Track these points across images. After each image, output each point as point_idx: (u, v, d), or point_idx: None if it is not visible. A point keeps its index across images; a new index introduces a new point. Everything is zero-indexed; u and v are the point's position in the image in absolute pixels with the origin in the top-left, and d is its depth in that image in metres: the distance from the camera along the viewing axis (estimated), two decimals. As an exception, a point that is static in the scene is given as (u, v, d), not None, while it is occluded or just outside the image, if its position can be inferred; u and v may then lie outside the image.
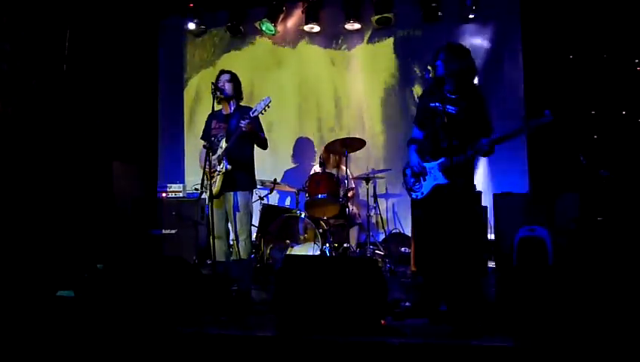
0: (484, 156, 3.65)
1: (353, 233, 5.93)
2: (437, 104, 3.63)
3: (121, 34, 6.71)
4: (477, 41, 6.48)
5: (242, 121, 3.96)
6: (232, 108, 4.33)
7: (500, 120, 3.81)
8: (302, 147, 7.06)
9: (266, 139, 4.34)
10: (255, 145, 4.36)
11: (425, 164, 3.72)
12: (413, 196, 3.80)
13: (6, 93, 5.15)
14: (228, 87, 4.26)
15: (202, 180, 4.14)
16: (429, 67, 3.71)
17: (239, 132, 4.02)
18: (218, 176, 4.10)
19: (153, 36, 7.45)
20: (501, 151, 5.91)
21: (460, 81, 3.59)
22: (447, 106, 3.58)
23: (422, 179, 3.72)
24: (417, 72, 6.68)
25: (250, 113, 4.02)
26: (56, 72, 5.71)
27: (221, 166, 4.09)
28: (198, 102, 7.36)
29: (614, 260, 4.20)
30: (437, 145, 3.66)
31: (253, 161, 4.39)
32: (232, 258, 4.27)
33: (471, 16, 6.37)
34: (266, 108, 4.03)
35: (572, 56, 5.86)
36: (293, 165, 7.06)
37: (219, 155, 4.12)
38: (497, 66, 6.40)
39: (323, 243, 5.13)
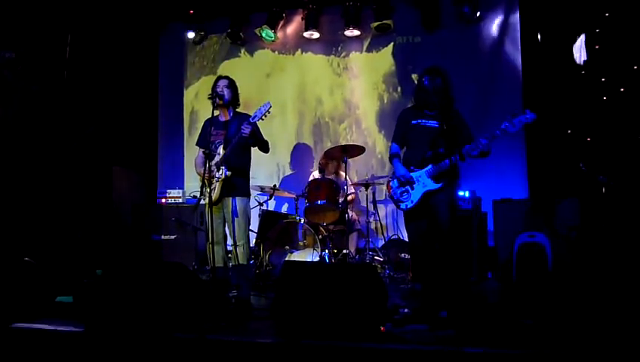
0: (481, 157, 3.84)
1: (352, 239, 5.93)
2: (419, 121, 3.98)
3: (122, 40, 6.72)
4: (476, 47, 6.51)
5: (244, 126, 3.96)
6: (230, 115, 4.33)
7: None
8: (300, 153, 7.07)
9: (267, 142, 4.35)
10: (252, 151, 4.37)
11: (411, 174, 3.91)
12: (402, 207, 3.97)
13: (7, 98, 5.16)
14: (227, 93, 4.25)
15: (201, 187, 4.15)
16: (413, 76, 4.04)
17: (239, 138, 4.02)
18: (217, 183, 4.10)
19: (153, 42, 7.47)
20: (500, 157, 6.02)
21: (441, 96, 3.83)
22: (429, 122, 3.93)
23: (409, 188, 3.87)
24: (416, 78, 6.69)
25: (251, 118, 4.02)
26: (57, 77, 5.73)
27: (220, 172, 4.08)
28: (198, 109, 7.37)
29: (615, 266, 4.20)
30: (422, 156, 3.91)
31: (249, 168, 4.40)
32: (230, 263, 4.26)
33: (468, 23, 6.40)
34: (267, 113, 4.03)
35: (570, 62, 5.88)
36: (290, 171, 7.07)
37: (217, 162, 4.12)
38: (496, 71, 6.43)
39: (322, 250, 5.12)
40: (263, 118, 4.04)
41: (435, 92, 3.81)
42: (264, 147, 4.34)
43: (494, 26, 6.48)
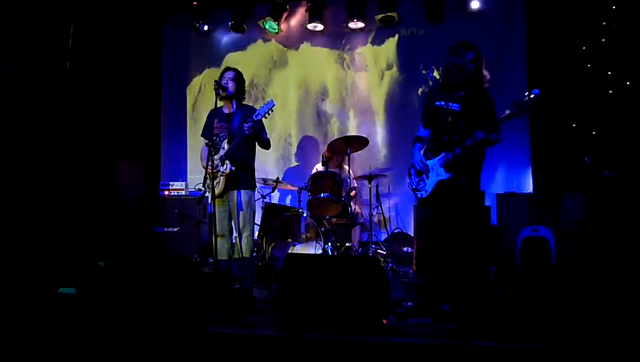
0: (489, 145, 3.60)
1: (355, 232, 5.92)
2: (442, 102, 3.64)
3: (125, 31, 6.70)
4: (481, 39, 6.45)
5: (245, 125, 3.93)
6: (234, 108, 4.30)
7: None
8: (306, 146, 7.05)
9: (268, 140, 4.32)
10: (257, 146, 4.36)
11: (427, 162, 3.74)
12: (419, 196, 3.80)
13: (9, 90, 5.15)
14: (231, 86, 4.21)
15: (204, 179, 4.13)
16: (434, 67, 3.74)
17: (242, 136, 3.99)
18: (222, 177, 4.08)
19: (156, 34, 7.44)
20: (504, 151, 5.98)
21: (467, 76, 3.52)
22: (451, 104, 3.58)
23: (425, 177, 3.73)
24: (421, 71, 6.65)
25: (254, 116, 3.96)
26: (59, 69, 5.71)
27: (224, 167, 4.07)
28: (202, 101, 7.35)
29: (619, 260, 4.18)
30: (439, 142, 3.68)
31: (254, 161, 4.38)
32: (234, 256, 4.26)
33: (473, 14, 6.35)
34: (270, 112, 3.98)
35: (576, 55, 5.83)
36: (295, 163, 7.05)
37: (221, 156, 4.10)
38: (501, 64, 6.37)
39: (325, 243, 5.11)
40: (267, 116, 3.99)
41: (460, 70, 3.50)
42: (265, 145, 4.32)
43: (499, 18, 6.42)
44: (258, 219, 5.52)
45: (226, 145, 4.11)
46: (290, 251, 5.19)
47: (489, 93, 3.69)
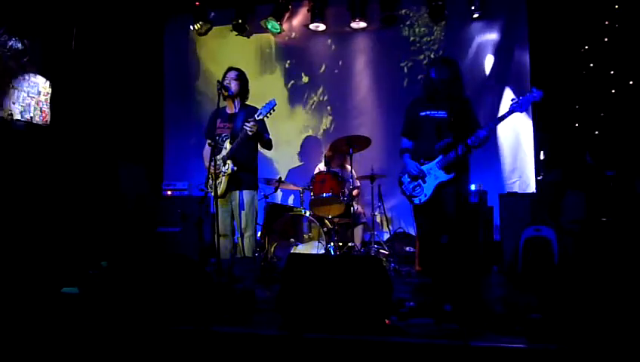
0: (481, 145, 3.77)
1: (358, 232, 5.92)
2: (427, 112, 3.89)
3: (127, 33, 6.71)
4: (483, 39, 6.47)
5: (247, 125, 3.93)
6: (237, 108, 4.30)
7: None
8: (308, 146, 7.05)
9: (270, 140, 4.32)
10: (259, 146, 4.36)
11: (422, 167, 3.84)
12: (416, 201, 3.90)
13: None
14: (234, 85, 4.22)
15: (207, 180, 4.14)
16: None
17: (244, 135, 3.99)
18: (223, 177, 4.08)
19: (159, 35, 7.46)
20: (506, 151, 5.97)
21: (449, 87, 3.78)
22: (437, 112, 3.84)
23: (421, 181, 3.81)
24: (424, 71, 6.64)
25: (255, 116, 3.97)
26: (62, 71, 5.73)
27: (226, 167, 4.07)
28: (204, 101, 7.36)
29: (621, 260, 4.17)
30: (431, 147, 3.84)
31: (257, 161, 4.38)
32: (237, 256, 4.26)
33: (475, 15, 6.35)
34: (272, 111, 3.98)
35: (578, 54, 5.82)
36: (299, 163, 7.05)
37: (223, 156, 4.10)
38: (504, 64, 6.38)
39: (327, 242, 5.12)
40: (268, 115, 3.99)
41: (442, 83, 3.75)
42: (267, 145, 4.32)
43: (502, 18, 6.43)
44: (260, 219, 5.53)
45: (228, 145, 4.11)
46: (292, 251, 5.20)
47: (467, 97, 3.98)
